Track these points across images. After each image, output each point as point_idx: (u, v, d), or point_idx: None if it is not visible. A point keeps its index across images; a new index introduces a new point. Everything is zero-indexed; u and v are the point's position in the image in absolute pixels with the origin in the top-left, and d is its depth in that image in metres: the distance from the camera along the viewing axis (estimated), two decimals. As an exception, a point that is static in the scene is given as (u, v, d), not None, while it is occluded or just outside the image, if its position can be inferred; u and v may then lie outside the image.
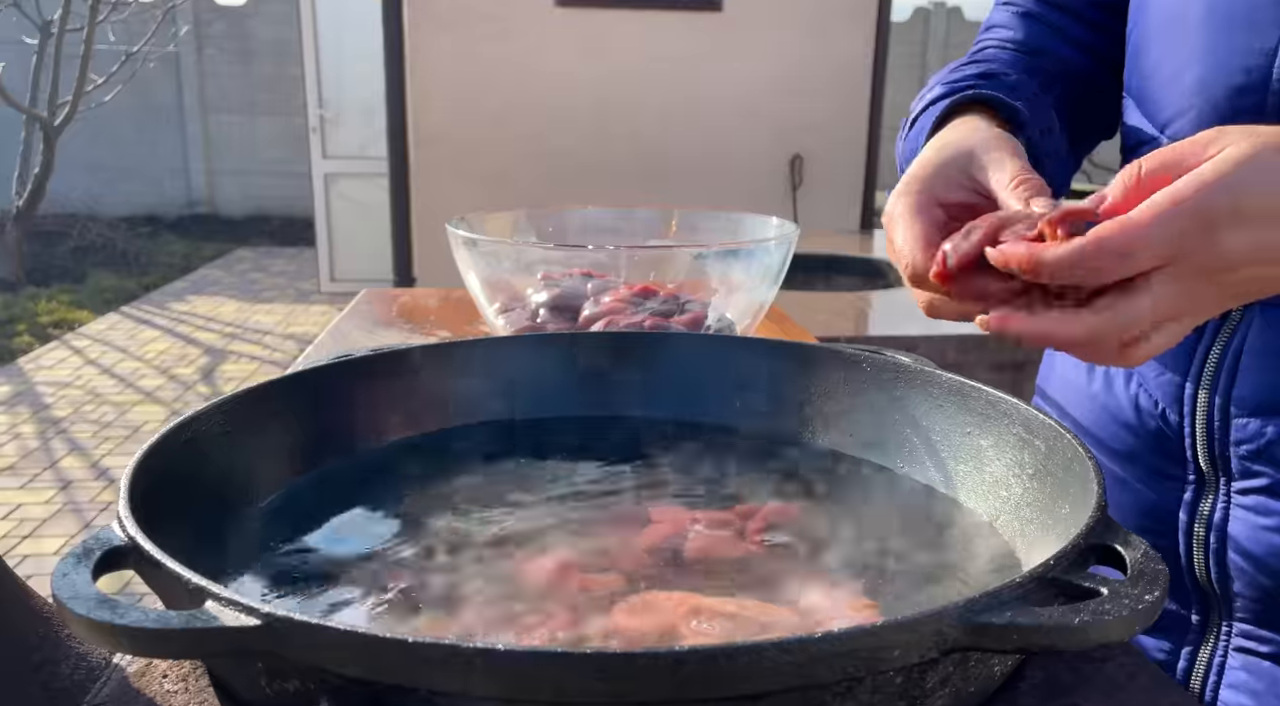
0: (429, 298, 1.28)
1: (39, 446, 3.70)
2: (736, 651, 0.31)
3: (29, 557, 2.85)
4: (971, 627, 0.33)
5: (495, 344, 0.70)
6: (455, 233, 0.86)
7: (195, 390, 4.39)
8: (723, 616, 0.40)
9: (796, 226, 0.95)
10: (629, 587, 0.45)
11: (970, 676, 0.37)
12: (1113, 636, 0.34)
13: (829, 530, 0.52)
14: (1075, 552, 0.38)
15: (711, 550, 0.49)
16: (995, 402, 0.57)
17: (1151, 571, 0.36)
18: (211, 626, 0.33)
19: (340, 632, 0.32)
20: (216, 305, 5.94)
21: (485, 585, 0.46)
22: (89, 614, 0.33)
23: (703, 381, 0.69)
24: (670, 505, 0.55)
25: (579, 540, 0.51)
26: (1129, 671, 0.42)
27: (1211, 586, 0.58)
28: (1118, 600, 0.34)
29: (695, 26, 4.24)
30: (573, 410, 0.69)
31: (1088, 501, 0.43)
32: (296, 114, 6.27)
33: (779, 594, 0.45)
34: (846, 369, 0.65)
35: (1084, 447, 0.48)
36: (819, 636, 0.32)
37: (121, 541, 0.39)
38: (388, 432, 0.64)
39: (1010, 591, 0.35)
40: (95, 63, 5.85)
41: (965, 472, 0.57)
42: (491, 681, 0.31)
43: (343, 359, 0.64)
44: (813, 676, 0.32)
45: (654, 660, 0.31)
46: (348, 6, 5.50)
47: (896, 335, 1.86)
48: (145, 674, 0.42)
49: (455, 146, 4.22)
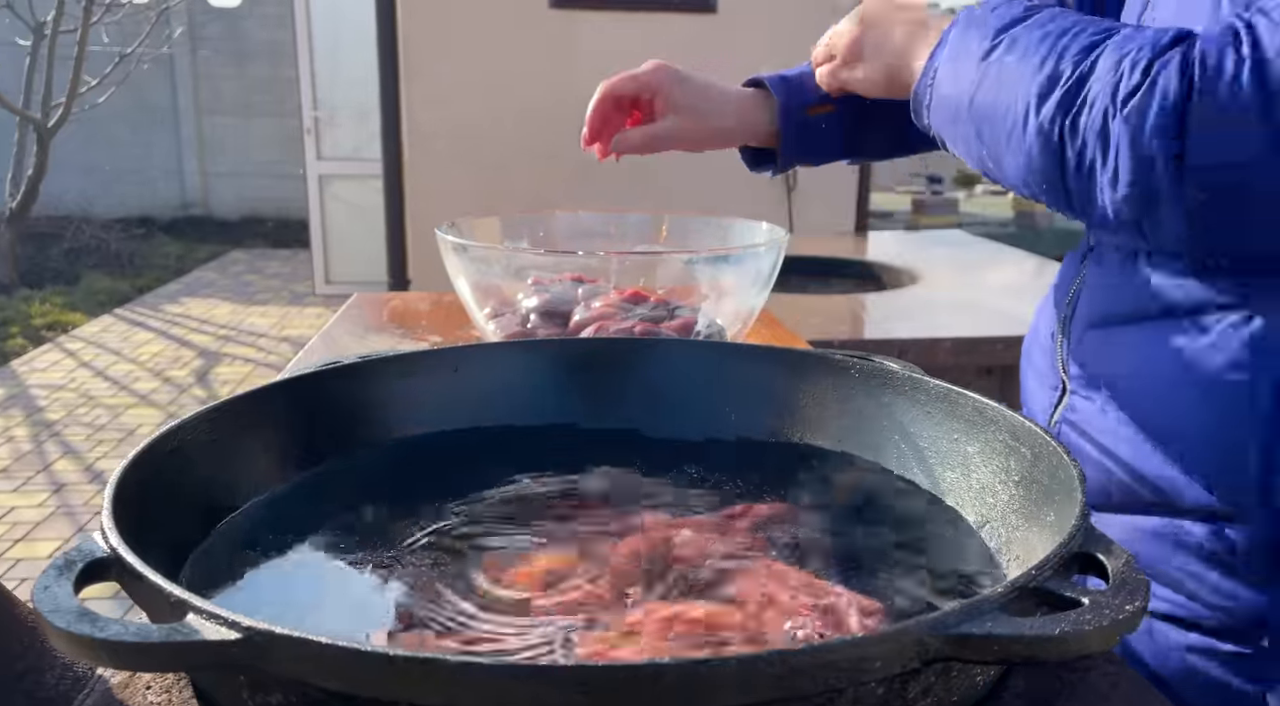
0: (420, 302, 1.28)
1: (32, 449, 3.69)
2: (717, 664, 0.31)
3: (21, 561, 2.85)
4: (952, 638, 0.33)
5: (484, 350, 0.70)
6: (445, 238, 0.86)
7: (190, 393, 4.38)
8: (703, 623, 0.40)
9: (786, 232, 0.95)
10: (617, 594, 0.45)
11: (952, 686, 0.37)
12: (1093, 647, 0.34)
13: (816, 534, 0.52)
14: (1057, 562, 0.38)
15: (699, 555, 0.49)
16: (982, 409, 0.57)
17: (1133, 581, 0.37)
18: (192, 640, 0.33)
19: (322, 646, 0.32)
20: (211, 307, 5.94)
21: (469, 593, 0.46)
22: (69, 627, 0.33)
23: (692, 387, 0.69)
24: (659, 510, 0.55)
25: (567, 546, 0.51)
26: (1112, 680, 0.42)
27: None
28: (1099, 610, 0.35)
29: (690, 28, 4.24)
30: (560, 416, 0.69)
31: (1072, 510, 0.43)
32: (291, 116, 6.26)
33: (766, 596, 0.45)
34: (835, 375, 0.65)
35: (1068, 454, 0.48)
36: (800, 648, 0.32)
37: (104, 553, 0.39)
38: (377, 438, 0.64)
39: (990, 602, 0.35)
40: (89, 64, 5.84)
41: (953, 479, 0.58)
42: (473, 695, 0.31)
43: (331, 366, 0.64)
44: (794, 688, 0.32)
45: (635, 672, 0.31)
46: (342, 8, 5.49)
47: (890, 338, 1.86)
48: (129, 685, 0.42)
49: (450, 148, 4.22)
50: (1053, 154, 0.58)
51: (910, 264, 2.69)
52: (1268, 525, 0.59)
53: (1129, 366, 0.66)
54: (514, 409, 0.69)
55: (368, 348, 1.07)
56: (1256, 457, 0.58)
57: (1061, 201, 0.61)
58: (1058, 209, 0.62)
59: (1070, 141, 0.57)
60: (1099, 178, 0.56)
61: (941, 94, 0.67)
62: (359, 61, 5.17)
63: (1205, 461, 0.60)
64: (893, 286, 2.61)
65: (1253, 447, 0.58)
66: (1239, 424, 0.59)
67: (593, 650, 0.40)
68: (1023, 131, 0.59)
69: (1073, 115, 0.57)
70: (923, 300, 2.29)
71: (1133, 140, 0.54)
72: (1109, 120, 0.55)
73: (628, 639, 0.40)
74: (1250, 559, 0.60)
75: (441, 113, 4.21)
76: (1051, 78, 0.58)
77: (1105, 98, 0.55)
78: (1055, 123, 0.57)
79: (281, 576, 0.49)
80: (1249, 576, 0.60)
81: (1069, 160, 0.57)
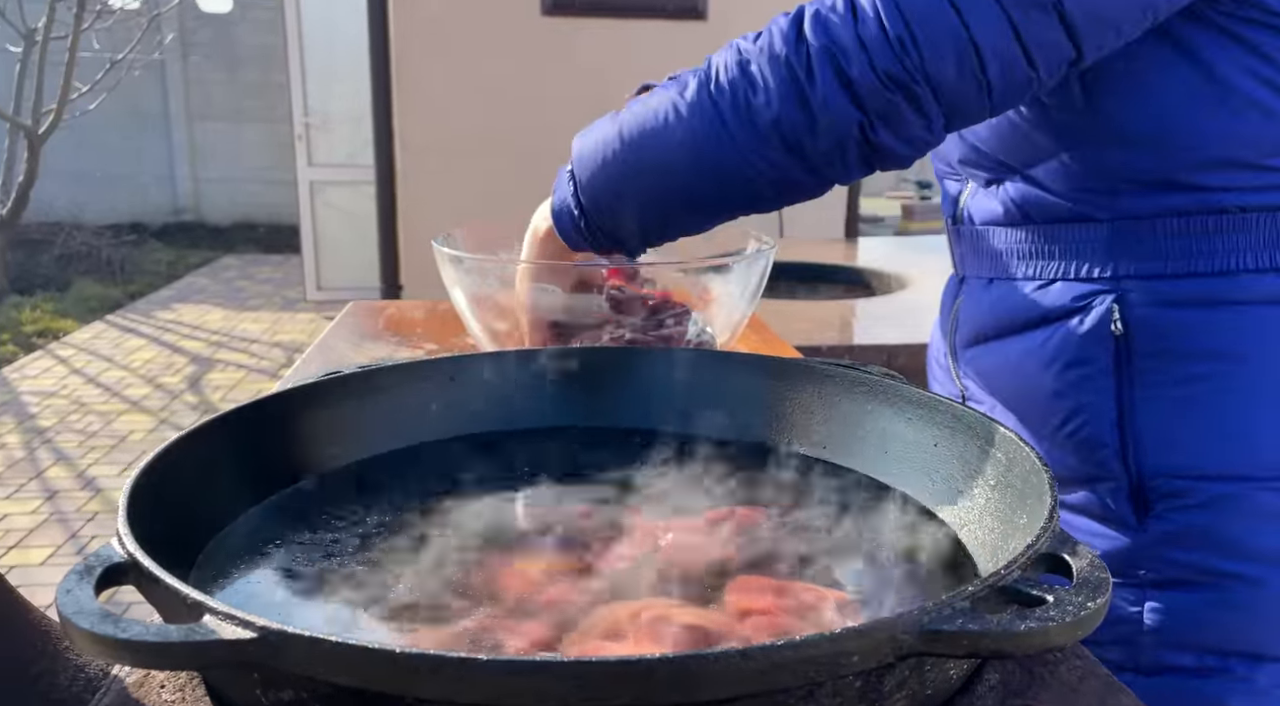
0: (415, 310, 1.30)
1: (24, 456, 3.69)
2: (704, 659, 0.33)
3: (15, 568, 2.85)
4: (924, 634, 0.36)
5: (477, 360, 0.72)
6: (441, 250, 0.88)
7: (182, 399, 4.39)
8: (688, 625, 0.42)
9: (775, 242, 0.97)
10: (606, 597, 0.47)
11: (927, 680, 0.39)
12: (1057, 641, 0.36)
13: (799, 536, 0.54)
14: (1024, 562, 0.40)
15: (684, 557, 0.51)
16: (960, 416, 0.59)
17: (1095, 579, 0.39)
18: (210, 639, 0.35)
19: (332, 644, 0.34)
20: (203, 313, 5.94)
21: (467, 594, 0.48)
22: (93, 628, 0.35)
23: (680, 395, 0.71)
24: (646, 514, 0.57)
25: (556, 549, 0.53)
26: (1080, 674, 0.45)
27: None
28: (1062, 607, 0.37)
29: (680, 35, 4.27)
30: (551, 423, 0.71)
31: (1042, 513, 0.45)
32: (282, 121, 6.27)
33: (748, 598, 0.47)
34: (819, 383, 0.68)
35: (1040, 460, 0.50)
36: (781, 643, 0.34)
37: (121, 558, 0.41)
38: (380, 444, 0.66)
39: (961, 600, 0.37)
40: (80, 70, 5.84)
41: (932, 483, 0.60)
42: (475, 690, 0.33)
43: (333, 376, 0.66)
44: (776, 681, 0.34)
45: (627, 667, 0.33)
46: (333, 14, 5.50)
47: (878, 344, 1.88)
48: (143, 684, 0.44)
49: (442, 154, 4.24)
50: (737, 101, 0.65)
51: (899, 269, 2.72)
52: (1129, 480, 0.73)
53: (1003, 372, 0.80)
54: (508, 415, 0.71)
55: (364, 356, 1.08)
56: (1112, 431, 0.73)
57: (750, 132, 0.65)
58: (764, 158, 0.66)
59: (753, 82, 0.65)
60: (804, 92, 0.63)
61: (584, 166, 0.72)
62: (350, 68, 5.19)
63: (1075, 439, 0.75)
64: (882, 292, 2.63)
65: (1108, 423, 0.73)
66: (1091, 405, 0.73)
67: (586, 647, 0.42)
68: (692, 112, 0.67)
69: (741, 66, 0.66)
70: (911, 305, 2.32)
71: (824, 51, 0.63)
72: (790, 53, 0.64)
73: (618, 637, 0.42)
74: (1121, 510, 0.74)
75: (433, 119, 4.22)
76: (696, 74, 0.69)
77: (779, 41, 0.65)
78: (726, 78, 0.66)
79: (283, 579, 0.51)
80: (1121, 524, 0.74)
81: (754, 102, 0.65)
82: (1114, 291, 0.72)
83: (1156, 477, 0.71)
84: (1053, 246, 0.76)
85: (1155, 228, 0.71)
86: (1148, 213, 0.71)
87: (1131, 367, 0.71)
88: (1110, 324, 0.72)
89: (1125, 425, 0.72)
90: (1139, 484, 0.72)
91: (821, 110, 0.63)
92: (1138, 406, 0.71)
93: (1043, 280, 0.76)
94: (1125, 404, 0.72)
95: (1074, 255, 0.74)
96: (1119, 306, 0.72)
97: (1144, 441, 0.71)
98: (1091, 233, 0.73)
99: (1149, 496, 0.72)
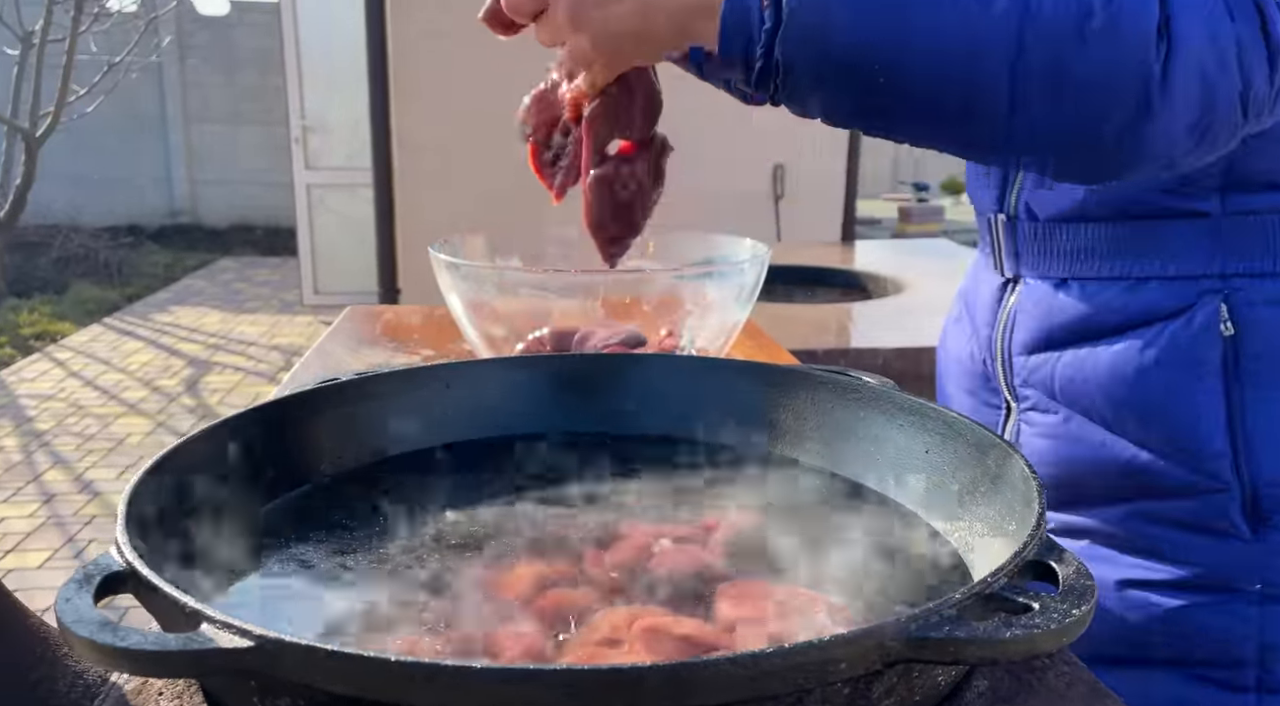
0: (412, 315, 1.31)
1: (22, 460, 3.69)
2: (694, 666, 0.34)
3: (13, 572, 2.85)
4: (912, 641, 0.36)
5: (473, 367, 0.72)
6: (438, 256, 0.89)
7: (179, 402, 4.39)
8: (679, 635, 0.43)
9: (769, 247, 0.98)
10: (599, 603, 0.48)
11: (915, 686, 0.40)
12: (1042, 648, 0.37)
13: (791, 543, 0.55)
14: (1011, 570, 0.40)
15: (678, 563, 0.52)
16: (952, 423, 0.60)
17: (1081, 587, 0.39)
18: (207, 647, 0.35)
19: (328, 653, 0.34)
20: (200, 316, 5.94)
21: (462, 601, 0.48)
22: (92, 637, 0.35)
23: (674, 401, 0.72)
24: (639, 520, 0.57)
25: (550, 556, 0.53)
26: (1067, 680, 0.45)
27: None
28: (1048, 614, 0.37)
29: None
30: (545, 428, 0.71)
31: (1030, 520, 0.46)
32: (279, 124, 6.27)
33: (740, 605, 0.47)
34: (813, 389, 0.68)
35: (1029, 468, 0.51)
36: (770, 651, 0.34)
37: (120, 567, 0.41)
38: (379, 451, 0.67)
39: (948, 607, 0.37)
40: (77, 73, 5.85)
41: (924, 490, 0.60)
42: (468, 697, 0.34)
43: (330, 382, 0.67)
44: (765, 688, 0.35)
45: (618, 675, 0.34)
46: (331, 17, 5.51)
47: (874, 348, 1.89)
48: (141, 691, 0.45)
49: (440, 157, 4.24)
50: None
51: (895, 273, 2.73)
52: (1241, 489, 0.69)
53: (1088, 381, 0.74)
54: (503, 421, 0.71)
55: (362, 361, 1.09)
56: (1223, 436, 0.69)
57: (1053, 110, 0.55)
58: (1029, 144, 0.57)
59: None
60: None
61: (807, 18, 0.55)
62: (348, 72, 5.19)
63: (1182, 448, 0.70)
64: (878, 295, 2.64)
65: (1218, 429, 0.69)
66: (1200, 411, 0.69)
67: (578, 655, 0.43)
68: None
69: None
70: (907, 309, 2.33)
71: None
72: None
73: (612, 644, 0.43)
74: (1234, 520, 0.69)
75: (431, 124, 4.23)
76: None
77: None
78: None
79: (280, 587, 0.52)
80: (1234, 536, 0.69)
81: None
82: (1221, 290, 0.69)
83: (1272, 485, 0.68)
84: (1149, 243, 0.71)
85: (1266, 225, 0.68)
86: (1261, 209, 0.68)
87: (1241, 370, 0.68)
88: (1220, 324, 0.68)
89: (1236, 430, 0.68)
90: (1253, 492, 0.68)
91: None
92: (1249, 410, 0.68)
93: (1132, 279, 0.72)
94: (1236, 408, 0.68)
95: (1175, 253, 0.70)
96: (1227, 306, 0.68)
97: (1256, 447, 0.68)
98: (1197, 228, 0.69)
99: (1263, 505, 0.68)
